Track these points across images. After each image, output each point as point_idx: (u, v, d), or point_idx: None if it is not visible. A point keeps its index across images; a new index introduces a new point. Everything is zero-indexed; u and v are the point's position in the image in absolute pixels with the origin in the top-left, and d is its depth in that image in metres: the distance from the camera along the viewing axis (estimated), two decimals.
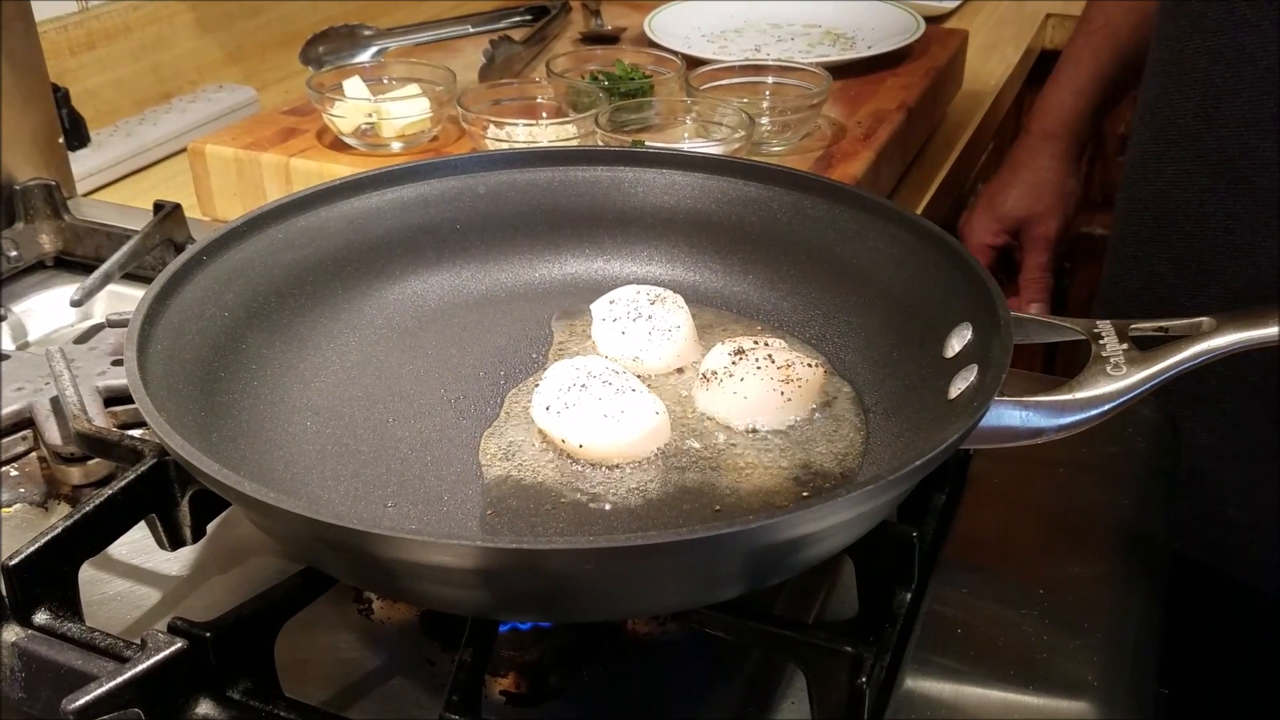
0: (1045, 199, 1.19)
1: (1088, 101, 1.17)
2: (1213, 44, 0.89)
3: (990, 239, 1.21)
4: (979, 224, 1.22)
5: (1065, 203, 1.20)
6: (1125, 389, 0.57)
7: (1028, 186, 1.19)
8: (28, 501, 0.72)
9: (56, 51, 1.19)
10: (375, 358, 0.73)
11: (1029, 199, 1.19)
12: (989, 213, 1.21)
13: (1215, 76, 0.89)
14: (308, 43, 1.31)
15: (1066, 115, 1.18)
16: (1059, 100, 1.18)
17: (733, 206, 0.79)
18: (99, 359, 0.78)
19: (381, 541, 0.48)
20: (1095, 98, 1.17)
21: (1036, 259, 1.20)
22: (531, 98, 1.13)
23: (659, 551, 0.47)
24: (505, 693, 0.59)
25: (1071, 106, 1.18)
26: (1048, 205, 1.19)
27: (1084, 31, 1.18)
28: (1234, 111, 0.88)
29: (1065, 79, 1.18)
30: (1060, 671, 0.58)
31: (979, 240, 1.22)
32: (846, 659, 0.54)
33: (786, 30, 1.40)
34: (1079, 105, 1.17)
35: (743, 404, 0.66)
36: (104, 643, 0.55)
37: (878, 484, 0.50)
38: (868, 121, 1.13)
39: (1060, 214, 1.19)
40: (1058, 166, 1.19)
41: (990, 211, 1.21)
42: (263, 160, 1.06)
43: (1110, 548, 0.68)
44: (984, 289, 0.63)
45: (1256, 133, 0.87)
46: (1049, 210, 1.19)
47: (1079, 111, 1.18)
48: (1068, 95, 1.17)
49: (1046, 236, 1.19)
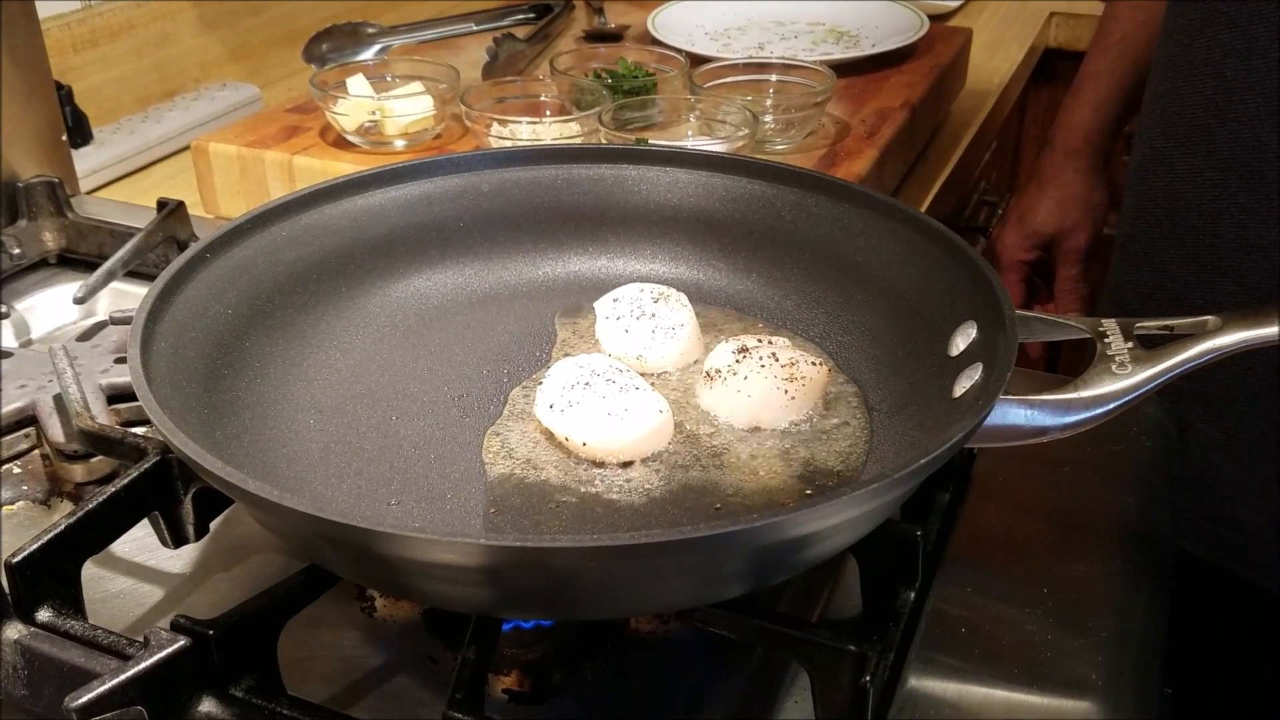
0: (1074, 213, 1.21)
1: (1109, 115, 1.19)
2: (1224, 37, 0.88)
3: (1023, 255, 1.24)
4: (1010, 241, 1.24)
5: (1094, 214, 1.22)
6: (1130, 388, 0.57)
7: (1056, 202, 1.21)
8: (30, 499, 0.72)
9: (60, 49, 1.19)
10: (379, 355, 0.73)
11: (1058, 214, 1.21)
12: (1019, 230, 1.24)
13: (1227, 70, 0.88)
14: (311, 40, 1.31)
15: (1089, 130, 1.20)
16: (1081, 116, 1.20)
17: (736, 204, 0.79)
18: (102, 356, 0.78)
19: (385, 539, 0.48)
20: (1115, 111, 1.19)
21: (1069, 271, 1.22)
22: (535, 96, 1.13)
23: (662, 550, 0.47)
24: (508, 691, 0.59)
25: (1093, 121, 1.20)
26: (1076, 219, 1.21)
27: (1101, 47, 1.19)
28: (1247, 105, 0.88)
29: (1086, 95, 1.20)
30: (1064, 670, 0.58)
31: (1011, 257, 1.24)
32: (850, 658, 0.54)
33: (790, 28, 1.40)
34: (1100, 120, 1.19)
35: (746, 402, 0.66)
36: (107, 640, 0.55)
37: (881, 483, 0.50)
38: (871, 119, 1.12)
39: (1089, 226, 1.21)
40: (1083, 180, 1.21)
41: (1021, 229, 1.23)
42: (266, 158, 1.06)
43: (1114, 546, 0.68)
44: (989, 287, 0.63)
45: (1270, 126, 0.87)
46: (1078, 224, 1.21)
47: (1101, 125, 1.20)
48: (1089, 111, 1.19)
49: (1078, 249, 1.22)
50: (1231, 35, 0.88)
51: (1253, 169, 0.88)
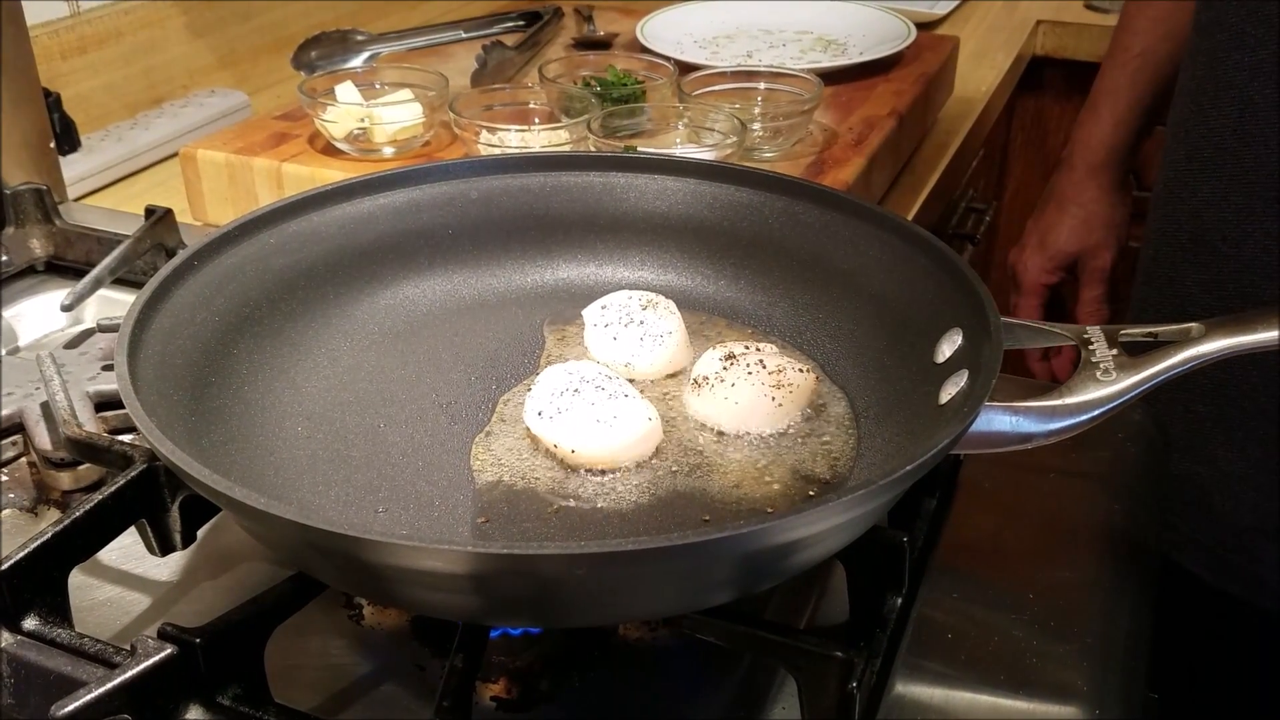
0: (1097, 232, 1.19)
1: (1129, 131, 1.17)
2: (1252, 59, 0.87)
3: (1045, 278, 1.21)
4: (1032, 264, 1.22)
5: (1117, 233, 1.19)
6: (1115, 394, 0.57)
7: (1078, 222, 1.19)
8: (17, 507, 0.72)
9: (48, 55, 1.18)
10: (367, 363, 0.73)
11: (1080, 234, 1.19)
12: (1041, 252, 1.21)
13: (1254, 93, 0.87)
14: (300, 47, 1.30)
15: (1110, 147, 1.17)
16: (1101, 133, 1.17)
17: (724, 212, 0.79)
18: (89, 364, 0.77)
19: (372, 547, 0.48)
20: (1135, 126, 1.17)
21: (1092, 291, 1.20)
22: (524, 103, 1.13)
23: (650, 556, 0.47)
24: (496, 698, 0.59)
25: (1114, 137, 1.17)
26: (1100, 238, 1.19)
27: (1119, 62, 1.16)
28: (1273, 128, 0.86)
29: (1105, 111, 1.17)
30: (1050, 676, 0.58)
31: (1034, 280, 1.22)
32: (837, 664, 0.54)
33: (778, 36, 1.40)
34: (1121, 136, 1.17)
35: (734, 409, 0.66)
36: (93, 648, 0.55)
37: (868, 489, 0.50)
38: (859, 127, 1.13)
39: (1113, 245, 1.19)
40: (1105, 198, 1.18)
41: (1043, 250, 1.21)
42: (254, 165, 1.06)
43: (1100, 552, 0.68)
44: (974, 294, 0.63)
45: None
46: (1101, 243, 1.19)
47: (1121, 141, 1.17)
48: (1109, 127, 1.17)
49: (1102, 269, 1.19)
50: (1258, 59, 0.87)
51: (1278, 193, 0.87)
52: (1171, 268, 0.98)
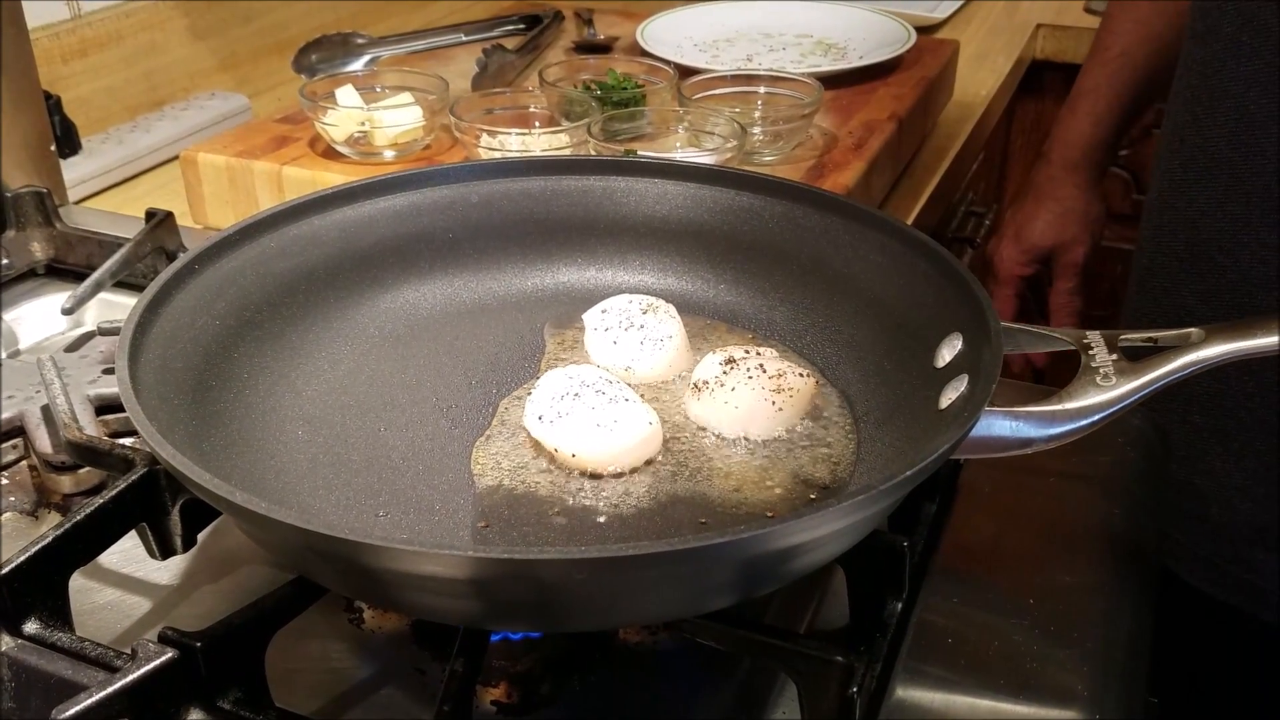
0: (1072, 227, 1.21)
1: (1107, 129, 1.19)
2: (1247, 70, 0.87)
3: (1020, 270, 1.23)
4: (1008, 255, 1.24)
5: (1092, 228, 1.21)
6: (1115, 399, 0.58)
7: (1054, 216, 1.21)
8: (18, 510, 0.72)
9: (48, 58, 1.18)
10: (367, 366, 0.73)
11: (1056, 228, 1.21)
12: (1017, 244, 1.23)
13: (1250, 102, 0.87)
14: (300, 50, 1.30)
15: (1087, 144, 1.19)
16: (1079, 130, 1.19)
17: (725, 216, 0.79)
18: (90, 367, 0.78)
19: (373, 551, 0.48)
20: (1114, 125, 1.19)
21: (1065, 284, 1.22)
22: (524, 107, 1.13)
23: (650, 561, 0.47)
24: (496, 702, 0.59)
25: (1091, 135, 1.19)
26: (1075, 233, 1.21)
27: (1100, 61, 1.18)
28: (1270, 138, 0.86)
29: (1084, 109, 1.19)
30: (1050, 680, 0.58)
31: (1009, 271, 1.24)
32: (837, 668, 0.54)
33: (778, 40, 1.41)
34: (1099, 133, 1.19)
35: (734, 413, 0.66)
36: (94, 652, 0.55)
37: (869, 494, 0.50)
38: (859, 131, 1.13)
39: (1087, 240, 1.21)
40: (1081, 194, 1.20)
41: (1019, 243, 1.23)
42: (255, 168, 1.06)
43: (1100, 557, 0.68)
44: (974, 299, 0.63)
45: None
46: (1076, 238, 1.21)
47: (1099, 139, 1.19)
48: (1088, 125, 1.19)
49: (1075, 263, 1.21)
50: (1255, 68, 0.87)
51: (1275, 203, 0.87)
52: (1167, 278, 0.98)
